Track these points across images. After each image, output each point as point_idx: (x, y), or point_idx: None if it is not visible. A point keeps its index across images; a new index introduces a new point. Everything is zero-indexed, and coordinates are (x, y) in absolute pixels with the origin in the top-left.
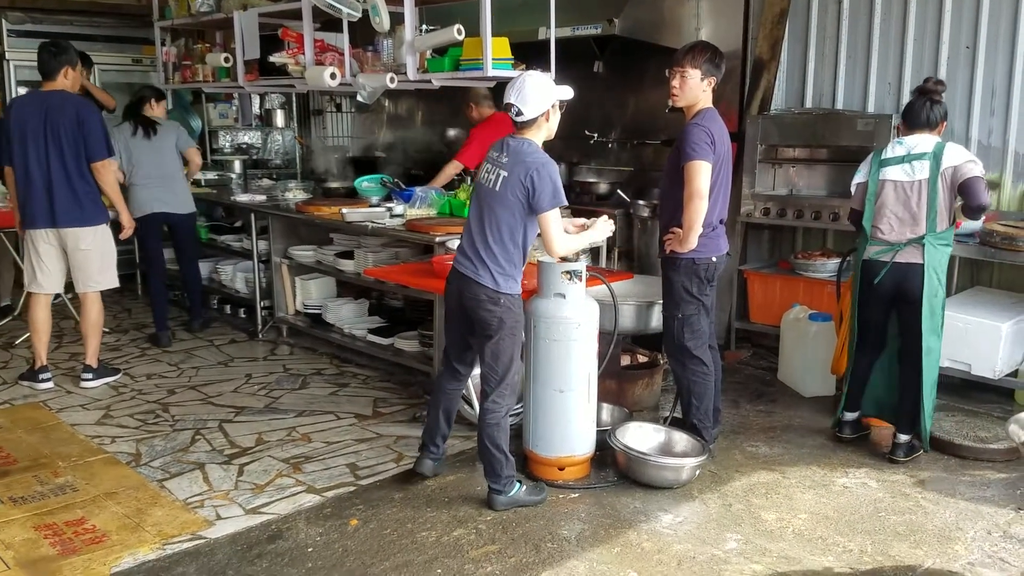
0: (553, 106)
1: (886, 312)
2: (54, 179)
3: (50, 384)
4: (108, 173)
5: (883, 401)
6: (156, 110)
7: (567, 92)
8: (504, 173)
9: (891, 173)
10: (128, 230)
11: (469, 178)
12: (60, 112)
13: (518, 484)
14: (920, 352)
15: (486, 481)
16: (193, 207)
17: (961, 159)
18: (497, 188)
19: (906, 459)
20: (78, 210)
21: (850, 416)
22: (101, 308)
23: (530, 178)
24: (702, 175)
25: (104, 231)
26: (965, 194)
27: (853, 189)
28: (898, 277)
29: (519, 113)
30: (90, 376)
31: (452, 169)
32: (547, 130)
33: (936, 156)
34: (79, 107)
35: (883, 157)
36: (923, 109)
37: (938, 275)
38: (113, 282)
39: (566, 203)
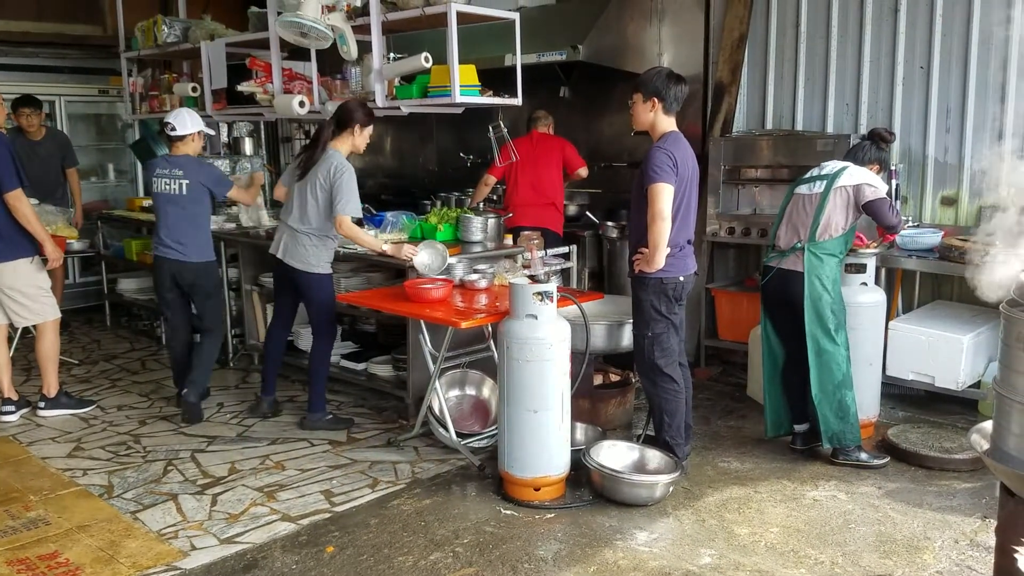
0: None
1: (775, 319)
2: None
3: (13, 417)
4: (19, 204)
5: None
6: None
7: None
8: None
9: (800, 189)
10: (54, 262)
11: (439, 202)
12: None
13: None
14: (804, 357)
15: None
16: None
17: (856, 181)
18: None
19: (803, 448)
20: None
21: (800, 428)
22: (53, 340)
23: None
24: (664, 197)
25: (21, 266)
26: (872, 216)
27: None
28: (781, 283)
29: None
30: (43, 405)
31: (485, 185)
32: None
33: (832, 175)
34: None
35: (804, 176)
36: (860, 145)
37: (821, 281)
38: (46, 315)
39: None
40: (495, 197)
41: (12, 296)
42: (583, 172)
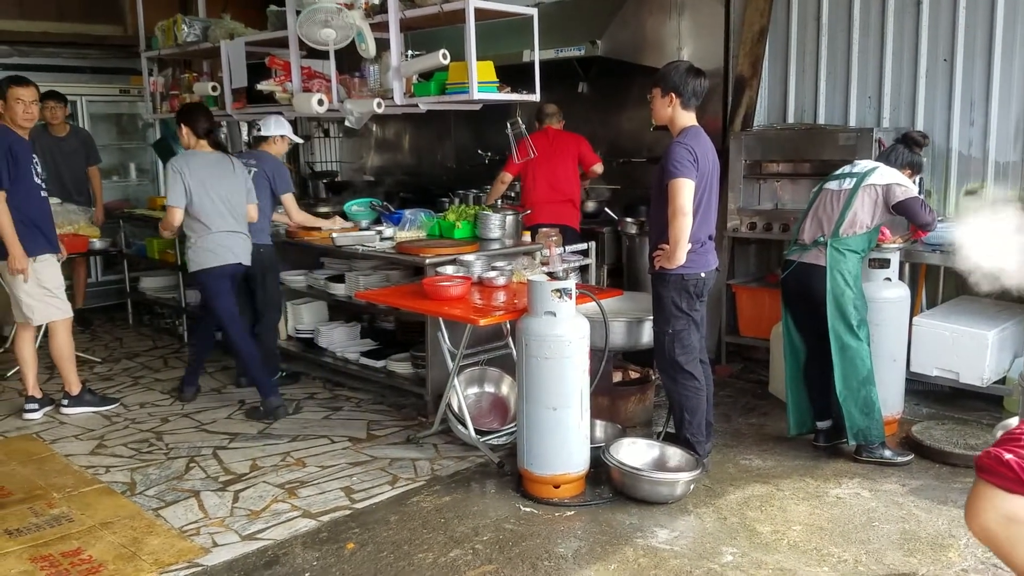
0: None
1: (797, 314)
2: None
3: (37, 415)
4: None
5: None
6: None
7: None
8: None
9: (829, 184)
10: (14, 270)
11: (457, 199)
12: None
13: (281, 372)
14: (826, 353)
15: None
16: None
17: (886, 180)
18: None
19: (826, 445)
20: None
21: (822, 425)
22: (65, 339)
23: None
24: (684, 192)
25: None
26: (906, 216)
27: None
28: (803, 277)
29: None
30: (66, 403)
31: (500, 183)
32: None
33: (863, 173)
34: None
35: (835, 172)
36: (893, 148)
37: (843, 276)
38: (51, 316)
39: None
40: (512, 194)
41: (18, 296)
42: (598, 168)
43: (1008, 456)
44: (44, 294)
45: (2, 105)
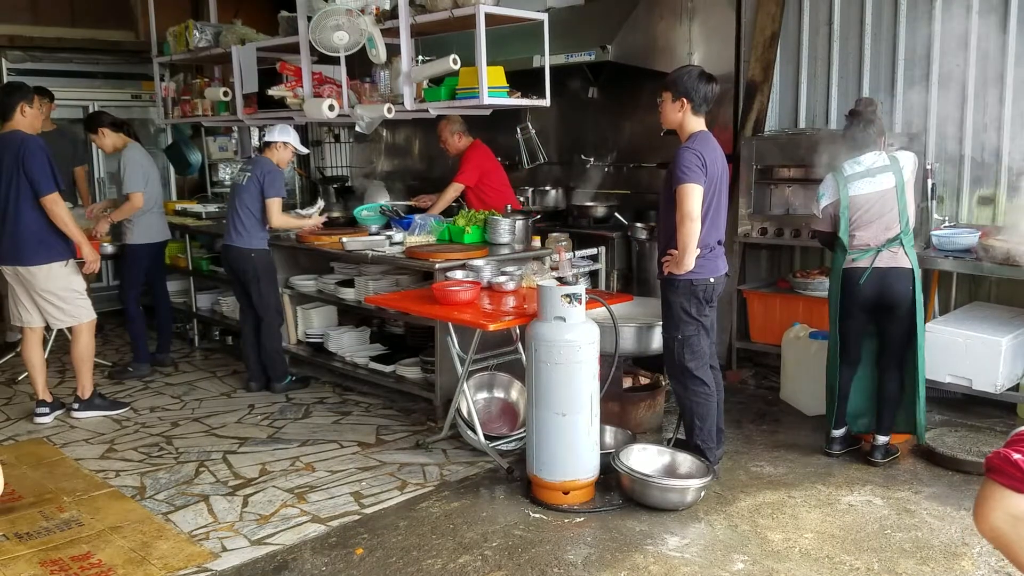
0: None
1: (867, 321)
2: (6, 218)
3: (47, 419)
4: (55, 208)
5: (862, 413)
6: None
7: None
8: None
9: (860, 187)
10: (91, 265)
11: (466, 204)
12: (7, 151)
13: (290, 377)
14: (910, 353)
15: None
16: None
17: (912, 163)
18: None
19: (884, 460)
20: (20, 249)
21: (837, 432)
22: (88, 342)
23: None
24: (693, 198)
25: (55, 269)
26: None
27: (820, 212)
28: (882, 282)
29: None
30: (77, 407)
31: (453, 191)
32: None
33: (896, 167)
34: (20, 144)
35: (847, 175)
36: (861, 134)
37: (918, 276)
38: (80, 317)
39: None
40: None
41: (47, 299)
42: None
43: (1017, 456)
44: (75, 296)
45: (28, 111)
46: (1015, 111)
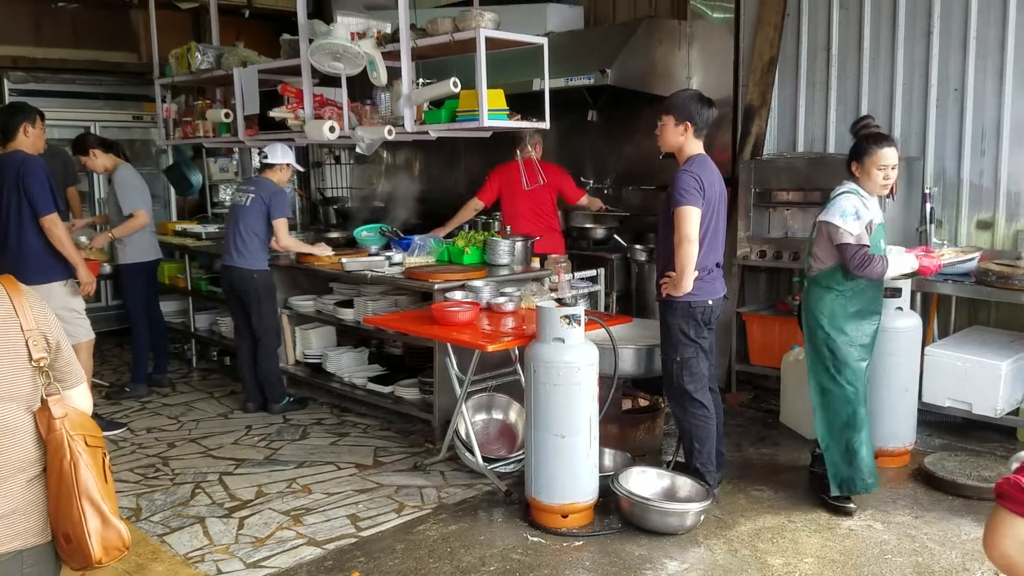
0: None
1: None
2: (8, 236)
3: None
4: (54, 228)
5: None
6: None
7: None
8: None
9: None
10: (86, 287)
11: (467, 225)
12: (9, 170)
13: (287, 398)
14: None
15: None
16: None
17: (827, 216)
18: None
19: (823, 471)
20: (20, 268)
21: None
22: (86, 362)
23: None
24: (690, 220)
25: (55, 289)
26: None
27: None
28: (800, 312)
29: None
30: None
31: (471, 209)
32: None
33: (827, 203)
34: (21, 164)
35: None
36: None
37: (815, 316)
38: (79, 336)
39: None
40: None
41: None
42: (584, 200)
43: None
44: (74, 316)
45: (31, 131)
46: (1013, 135)
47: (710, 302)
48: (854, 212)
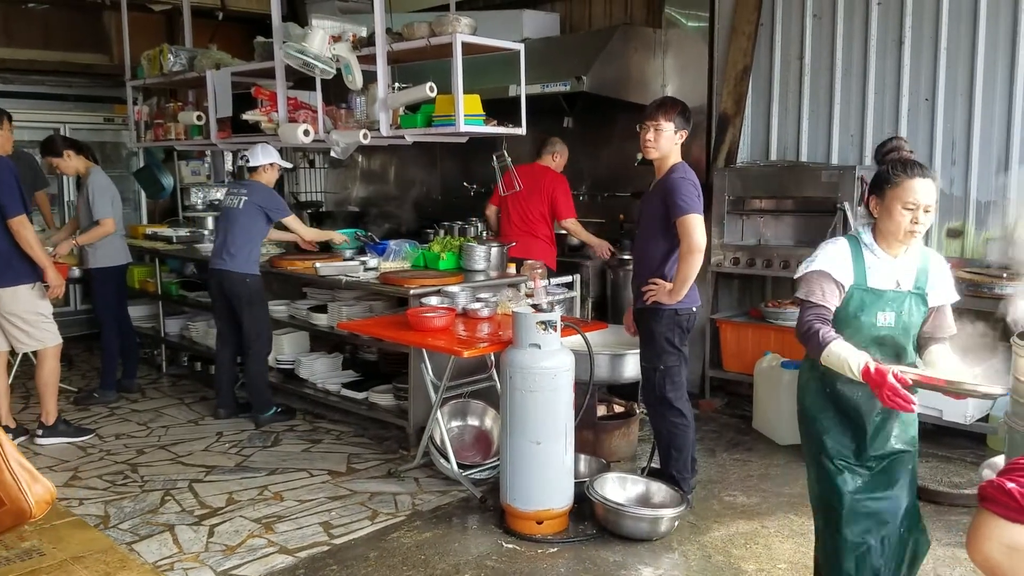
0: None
1: None
2: None
3: None
4: (22, 230)
5: None
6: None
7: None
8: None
9: None
10: (55, 290)
11: (443, 230)
12: None
13: (275, 408)
14: None
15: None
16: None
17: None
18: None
19: None
20: None
21: None
22: (54, 367)
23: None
24: (699, 228)
25: (21, 292)
26: None
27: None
28: None
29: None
30: (41, 433)
31: (490, 216)
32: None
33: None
34: None
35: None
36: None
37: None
38: (46, 341)
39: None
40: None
41: (13, 322)
42: (569, 224)
43: (1011, 485)
44: (41, 320)
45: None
46: (982, 145)
47: (694, 309)
48: (826, 260)
